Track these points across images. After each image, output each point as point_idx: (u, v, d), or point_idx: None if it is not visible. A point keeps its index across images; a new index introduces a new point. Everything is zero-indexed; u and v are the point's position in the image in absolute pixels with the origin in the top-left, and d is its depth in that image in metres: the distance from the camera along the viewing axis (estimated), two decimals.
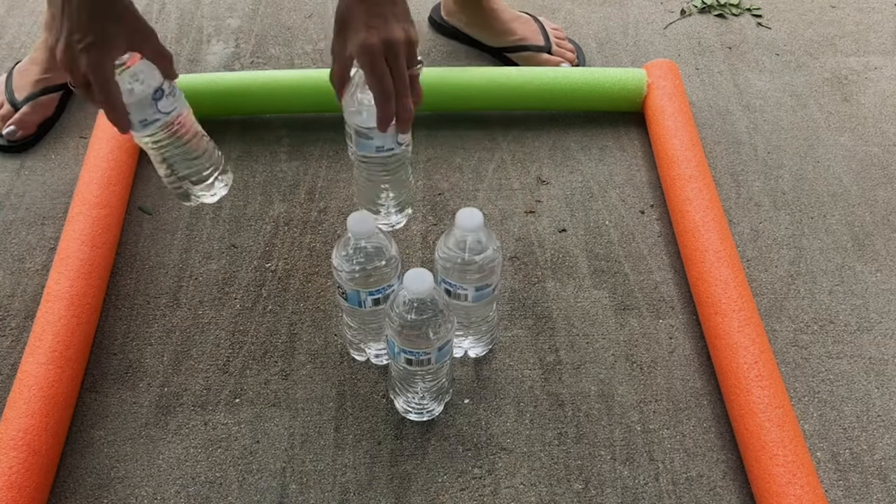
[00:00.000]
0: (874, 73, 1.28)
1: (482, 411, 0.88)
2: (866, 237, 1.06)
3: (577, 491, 0.83)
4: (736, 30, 1.36)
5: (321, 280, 0.99)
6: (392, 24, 0.75)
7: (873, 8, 1.41)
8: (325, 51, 1.30)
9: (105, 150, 1.05)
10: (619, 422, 0.88)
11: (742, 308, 0.89)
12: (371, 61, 0.74)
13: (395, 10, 0.76)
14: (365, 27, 0.74)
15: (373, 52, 0.74)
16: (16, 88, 1.15)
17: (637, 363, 0.93)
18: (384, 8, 0.76)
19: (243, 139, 1.16)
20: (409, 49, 0.76)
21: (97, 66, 0.72)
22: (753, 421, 0.81)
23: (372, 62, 0.74)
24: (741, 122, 1.20)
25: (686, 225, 0.99)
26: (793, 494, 0.76)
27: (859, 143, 1.18)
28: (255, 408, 0.88)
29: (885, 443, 0.87)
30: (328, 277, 0.99)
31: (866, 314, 0.98)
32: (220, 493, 0.82)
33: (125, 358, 0.92)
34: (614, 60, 1.29)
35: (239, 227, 1.05)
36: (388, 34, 0.74)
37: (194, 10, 1.36)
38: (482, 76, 1.16)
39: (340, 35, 0.77)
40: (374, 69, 0.75)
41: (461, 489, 0.83)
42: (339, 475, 0.83)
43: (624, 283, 1.00)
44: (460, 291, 0.82)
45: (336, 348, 0.93)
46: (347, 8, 0.77)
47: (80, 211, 0.98)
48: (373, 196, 0.90)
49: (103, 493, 0.82)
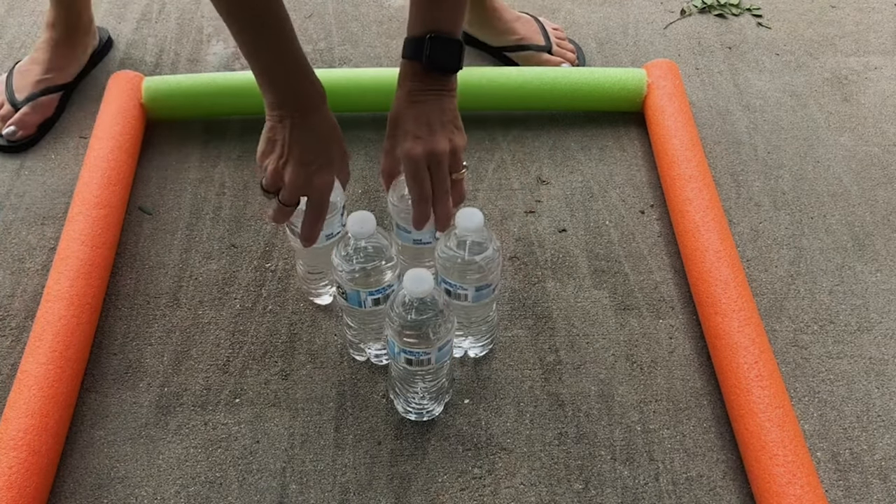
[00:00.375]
0: (874, 73, 1.28)
1: (482, 411, 0.88)
2: (866, 237, 1.06)
3: (577, 491, 0.83)
4: (736, 30, 1.36)
5: None
6: (437, 134, 0.78)
7: (873, 8, 1.41)
8: (324, 51, 1.30)
9: (105, 150, 1.05)
10: (619, 422, 0.88)
11: (742, 308, 0.89)
12: (412, 169, 0.78)
13: (442, 118, 0.79)
14: (412, 136, 0.78)
15: (416, 161, 0.78)
16: (16, 89, 1.15)
17: (637, 363, 0.93)
18: (432, 117, 0.79)
19: (243, 139, 1.16)
20: (453, 157, 0.79)
21: (327, 185, 0.78)
22: (753, 421, 0.81)
23: (413, 170, 0.78)
24: (741, 122, 1.20)
25: (686, 225, 0.99)
26: (793, 494, 0.76)
27: (859, 143, 1.18)
28: (255, 408, 0.88)
29: (885, 443, 0.87)
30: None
31: (866, 314, 0.98)
32: (220, 493, 0.82)
33: (125, 358, 0.92)
34: (614, 60, 1.29)
35: (239, 227, 1.05)
36: (433, 146, 0.78)
37: (194, 10, 1.36)
38: (482, 76, 1.16)
39: (391, 136, 0.81)
40: (416, 176, 0.78)
41: (461, 489, 0.83)
42: (339, 475, 0.83)
43: (624, 283, 1.00)
44: (460, 291, 0.81)
45: (336, 348, 0.93)
46: (398, 112, 0.81)
47: (80, 211, 0.98)
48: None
49: (103, 493, 0.82)
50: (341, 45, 1.31)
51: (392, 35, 1.33)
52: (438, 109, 0.79)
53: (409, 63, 0.80)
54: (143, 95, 1.13)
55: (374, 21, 1.36)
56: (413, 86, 0.80)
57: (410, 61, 0.80)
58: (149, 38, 1.31)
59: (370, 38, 1.33)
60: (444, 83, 0.80)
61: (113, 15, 1.35)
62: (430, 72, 0.79)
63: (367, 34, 1.33)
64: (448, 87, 0.81)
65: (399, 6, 1.38)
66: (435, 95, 0.80)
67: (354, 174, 1.11)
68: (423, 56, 0.78)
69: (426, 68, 0.79)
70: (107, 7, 1.36)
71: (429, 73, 0.79)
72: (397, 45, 1.30)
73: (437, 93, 0.80)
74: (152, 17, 1.35)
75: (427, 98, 0.80)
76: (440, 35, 0.79)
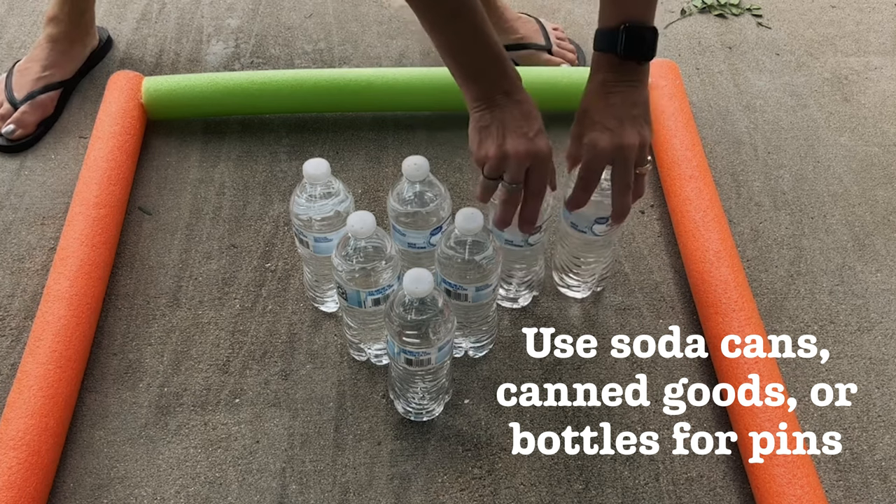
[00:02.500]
0: (874, 73, 1.28)
1: (482, 411, 0.88)
2: (866, 237, 1.06)
3: (577, 491, 0.82)
4: (736, 30, 1.36)
5: None
6: (627, 128, 0.78)
7: (873, 8, 1.41)
8: (324, 51, 1.30)
9: (105, 150, 1.05)
10: (619, 422, 0.88)
11: (742, 308, 0.89)
12: (590, 159, 0.78)
13: (633, 112, 0.79)
14: (601, 127, 0.78)
15: (598, 153, 0.77)
16: (15, 87, 1.15)
17: (637, 363, 0.92)
18: (623, 110, 0.78)
19: (243, 139, 1.16)
20: (640, 152, 0.79)
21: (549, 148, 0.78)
22: (753, 421, 0.81)
23: (591, 160, 0.78)
24: (741, 122, 1.20)
25: (686, 225, 0.99)
26: (793, 494, 0.76)
27: (859, 143, 1.18)
28: (255, 408, 0.88)
29: (885, 443, 0.87)
30: None
31: (866, 314, 0.98)
32: (220, 493, 0.82)
33: (125, 358, 0.92)
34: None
35: (239, 227, 1.05)
36: (622, 140, 0.77)
37: (194, 10, 1.36)
38: None
39: (580, 123, 0.81)
40: (590, 167, 0.78)
41: (461, 489, 0.82)
42: (339, 475, 0.83)
43: (624, 283, 1.00)
44: (460, 291, 0.81)
45: (336, 348, 0.93)
46: (589, 102, 0.80)
47: (79, 211, 0.98)
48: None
49: (103, 493, 0.82)
50: (341, 45, 1.31)
51: (392, 35, 1.33)
52: (630, 102, 0.79)
53: (603, 55, 0.79)
54: (143, 95, 1.13)
55: (374, 21, 1.36)
56: (606, 77, 0.79)
57: (604, 53, 0.79)
58: (149, 38, 1.31)
59: (370, 38, 1.33)
60: (638, 74, 0.80)
61: (113, 15, 1.35)
62: (625, 61, 0.78)
63: (367, 34, 1.33)
64: (641, 78, 0.80)
65: (399, 6, 1.38)
66: (628, 87, 0.79)
67: (354, 174, 1.11)
68: (619, 47, 0.77)
69: (622, 58, 0.78)
70: (107, 7, 1.36)
71: (623, 62, 0.78)
72: (397, 45, 1.31)
73: (630, 84, 0.79)
74: (152, 17, 1.35)
75: (620, 90, 0.79)
76: (634, 23, 0.78)
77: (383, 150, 1.14)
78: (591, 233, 0.86)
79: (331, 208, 0.83)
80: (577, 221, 0.86)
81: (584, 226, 0.86)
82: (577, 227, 0.87)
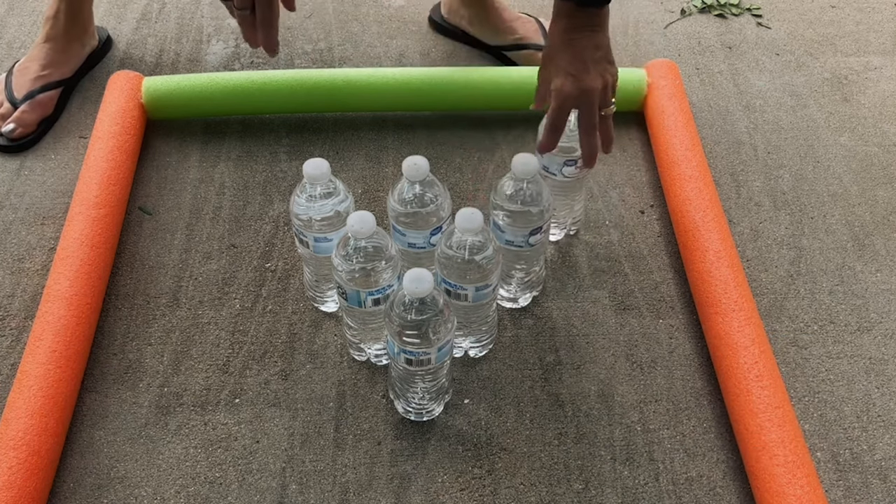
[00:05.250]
0: (874, 73, 1.28)
1: (482, 411, 0.88)
2: (866, 237, 1.06)
3: (577, 491, 0.83)
4: (736, 30, 1.36)
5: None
6: (591, 72, 0.82)
7: (873, 8, 1.41)
8: (324, 51, 1.30)
9: (105, 150, 1.05)
10: (619, 422, 0.88)
11: (742, 308, 0.89)
12: (558, 103, 0.83)
13: (595, 55, 0.83)
14: (564, 73, 0.82)
15: (564, 97, 0.82)
16: (15, 87, 1.15)
17: (637, 363, 0.93)
18: (586, 53, 0.82)
19: (243, 139, 1.16)
20: (603, 94, 0.83)
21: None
22: (753, 421, 0.81)
23: (559, 105, 0.83)
24: (741, 122, 1.20)
25: (686, 225, 0.99)
26: (793, 494, 0.76)
27: (859, 143, 1.18)
28: (255, 408, 0.88)
29: (885, 443, 0.87)
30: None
31: (866, 314, 0.98)
32: (220, 493, 0.82)
33: (125, 358, 0.92)
34: (614, 60, 1.29)
35: (239, 227, 1.05)
36: (586, 83, 0.82)
37: (194, 10, 1.36)
38: (482, 76, 1.16)
39: (545, 68, 0.86)
40: (559, 109, 0.83)
41: (461, 489, 0.82)
42: (339, 475, 0.83)
43: (624, 283, 1.00)
44: (460, 291, 0.82)
45: (336, 348, 0.93)
46: (552, 49, 0.84)
47: (79, 211, 0.98)
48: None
49: (103, 493, 0.82)
50: (341, 45, 1.31)
51: (392, 35, 1.33)
52: (592, 46, 0.82)
53: (563, 3, 0.82)
54: (143, 95, 1.13)
55: (374, 21, 1.36)
56: (568, 23, 0.82)
57: (564, 2, 0.82)
58: (149, 38, 1.31)
59: (370, 38, 1.33)
60: (598, 18, 0.83)
61: (113, 15, 1.35)
62: (584, 7, 0.82)
63: (367, 34, 1.33)
64: (601, 22, 0.83)
65: (399, 6, 1.38)
66: (589, 31, 0.82)
67: (354, 174, 1.11)
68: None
69: (580, 4, 0.81)
70: (107, 7, 1.36)
71: (583, 8, 0.82)
72: (397, 45, 1.31)
73: (590, 29, 0.83)
74: (152, 16, 1.35)
75: (581, 35, 0.82)
76: None
77: (383, 150, 1.14)
78: (561, 175, 0.93)
79: (331, 208, 0.83)
80: (548, 164, 0.92)
81: (554, 168, 0.93)
82: (548, 170, 0.93)
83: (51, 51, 1.17)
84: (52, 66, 1.17)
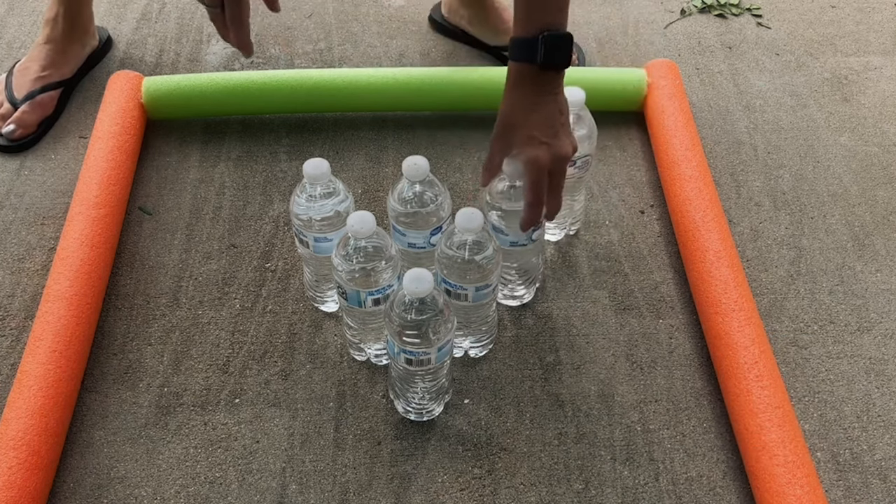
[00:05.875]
0: (874, 73, 1.28)
1: (482, 411, 0.88)
2: (866, 237, 1.06)
3: (577, 491, 0.83)
4: (736, 30, 1.36)
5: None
6: (562, 138, 0.79)
7: (873, 8, 1.41)
8: (324, 51, 1.30)
9: (105, 150, 1.05)
10: (619, 422, 0.88)
11: (742, 308, 0.89)
12: (536, 176, 0.78)
13: (562, 119, 0.80)
14: (536, 141, 0.78)
15: (541, 168, 0.78)
16: (15, 87, 1.15)
17: (637, 363, 0.93)
18: (554, 119, 0.79)
19: (243, 139, 1.16)
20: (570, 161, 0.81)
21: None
22: (753, 421, 0.81)
23: (536, 177, 0.78)
24: (741, 122, 1.20)
25: (686, 225, 0.99)
26: (793, 494, 0.76)
27: (859, 143, 1.18)
28: (255, 408, 0.88)
29: (885, 443, 0.87)
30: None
31: (866, 314, 0.98)
32: (220, 493, 0.82)
33: (125, 358, 0.92)
34: (614, 60, 1.29)
35: (239, 227, 1.05)
36: (559, 151, 0.79)
37: (194, 10, 1.36)
38: (482, 76, 1.16)
39: (505, 137, 0.81)
40: (538, 182, 0.79)
41: (461, 489, 0.82)
42: (339, 475, 0.83)
43: (624, 283, 1.00)
44: (460, 291, 0.82)
45: (336, 348, 0.93)
46: (515, 118, 0.80)
47: (79, 211, 0.98)
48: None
49: (103, 493, 0.82)
50: (341, 45, 1.31)
51: (392, 35, 1.33)
52: (557, 111, 0.79)
53: (521, 66, 0.78)
54: (143, 95, 1.13)
55: (374, 21, 1.36)
56: (531, 88, 0.79)
57: (522, 64, 0.78)
58: (149, 38, 1.31)
59: (370, 38, 1.33)
60: (558, 82, 0.79)
61: (113, 15, 1.35)
62: (546, 71, 0.78)
63: (367, 34, 1.33)
64: (560, 87, 0.80)
65: (399, 6, 1.38)
66: (552, 97, 0.79)
67: (354, 174, 1.11)
68: (538, 57, 0.76)
69: (542, 67, 0.77)
70: (107, 7, 1.36)
71: (544, 72, 0.78)
72: (397, 45, 1.31)
73: (553, 94, 0.79)
74: (152, 16, 1.35)
75: (546, 100, 0.79)
76: (553, 32, 0.76)
77: (383, 150, 1.14)
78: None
79: (331, 208, 0.83)
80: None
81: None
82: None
83: (51, 51, 1.17)
84: (53, 67, 1.17)
